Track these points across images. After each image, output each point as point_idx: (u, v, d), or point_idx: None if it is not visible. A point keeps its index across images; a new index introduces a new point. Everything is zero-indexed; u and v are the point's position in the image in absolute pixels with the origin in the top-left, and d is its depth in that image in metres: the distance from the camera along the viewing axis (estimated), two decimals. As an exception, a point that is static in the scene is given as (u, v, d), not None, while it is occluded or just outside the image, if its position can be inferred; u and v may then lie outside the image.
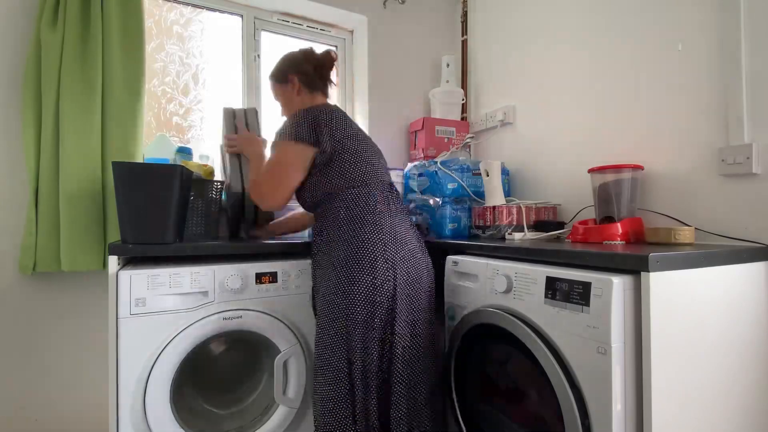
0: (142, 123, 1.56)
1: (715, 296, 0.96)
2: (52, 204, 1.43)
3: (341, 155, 1.24)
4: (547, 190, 1.80)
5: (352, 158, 1.25)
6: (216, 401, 1.37)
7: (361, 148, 1.28)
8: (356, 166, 1.25)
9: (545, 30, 1.82)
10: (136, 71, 1.54)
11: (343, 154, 1.24)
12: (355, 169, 1.24)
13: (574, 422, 0.90)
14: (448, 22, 2.36)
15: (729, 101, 1.21)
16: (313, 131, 1.23)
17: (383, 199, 1.25)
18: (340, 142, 1.24)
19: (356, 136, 1.29)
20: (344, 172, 1.24)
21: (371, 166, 1.28)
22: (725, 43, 1.22)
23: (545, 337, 0.99)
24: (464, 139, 2.10)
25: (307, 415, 1.35)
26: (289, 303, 1.31)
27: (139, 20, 1.55)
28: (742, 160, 1.17)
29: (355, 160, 1.25)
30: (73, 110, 1.43)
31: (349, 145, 1.25)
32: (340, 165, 1.24)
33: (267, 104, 2.03)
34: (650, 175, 1.40)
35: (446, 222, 1.72)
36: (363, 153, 1.27)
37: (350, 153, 1.25)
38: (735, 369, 1.00)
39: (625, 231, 1.28)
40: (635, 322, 0.88)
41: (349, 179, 1.23)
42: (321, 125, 1.23)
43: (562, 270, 0.99)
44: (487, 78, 2.16)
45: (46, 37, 1.42)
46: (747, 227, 1.17)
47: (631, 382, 0.88)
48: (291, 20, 2.06)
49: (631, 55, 1.47)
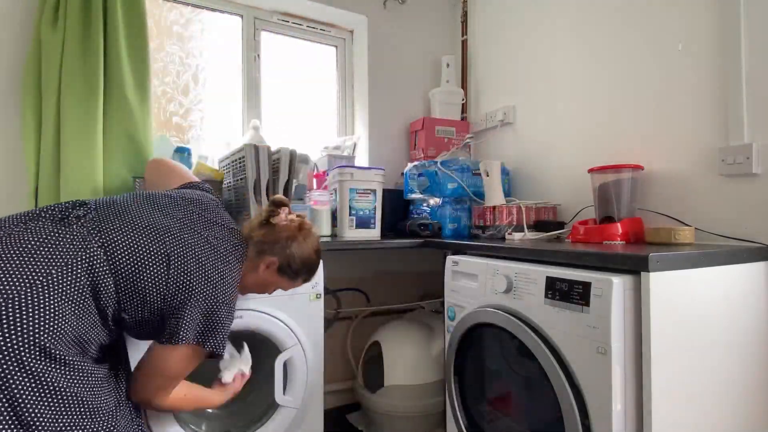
0: (151, 122, 1.55)
1: (714, 296, 0.96)
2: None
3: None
4: (547, 190, 1.80)
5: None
6: (216, 401, 1.37)
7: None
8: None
9: (545, 30, 1.82)
10: (142, 71, 1.54)
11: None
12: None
13: (574, 422, 0.90)
14: (448, 22, 2.36)
15: (729, 101, 1.21)
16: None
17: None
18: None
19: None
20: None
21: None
22: (725, 43, 1.22)
23: (545, 337, 0.99)
24: (464, 139, 2.10)
25: (308, 415, 1.35)
26: (289, 303, 1.31)
27: (141, 20, 1.54)
28: (742, 160, 1.17)
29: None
30: (73, 110, 1.42)
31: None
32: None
33: (267, 104, 2.03)
34: (650, 175, 1.40)
35: (446, 222, 1.72)
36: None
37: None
38: (735, 368, 1.00)
39: (625, 231, 1.28)
40: (635, 322, 0.88)
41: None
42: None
43: (562, 270, 0.99)
44: (487, 78, 2.16)
45: (46, 36, 1.41)
46: (747, 227, 1.17)
47: (631, 382, 0.88)
48: (291, 20, 2.06)
49: (631, 54, 1.47)
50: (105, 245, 0.85)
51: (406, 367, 1.64)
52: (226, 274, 0.96)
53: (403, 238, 1.63)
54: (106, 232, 0.87)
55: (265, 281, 1.09)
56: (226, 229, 1.04)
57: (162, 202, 0.99)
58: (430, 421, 1.65)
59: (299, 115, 2.14)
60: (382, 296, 2.11)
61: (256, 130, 1.79)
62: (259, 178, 1.38)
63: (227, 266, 0.97)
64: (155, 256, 0.89)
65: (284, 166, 1.42)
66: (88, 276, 0.83)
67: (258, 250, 1.06)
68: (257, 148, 1.38)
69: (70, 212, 0.88)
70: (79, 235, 0.84)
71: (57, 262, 0.80)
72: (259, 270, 1.06)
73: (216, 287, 0.93)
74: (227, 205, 1.51)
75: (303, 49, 2.16)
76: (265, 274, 1.07)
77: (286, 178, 1.42)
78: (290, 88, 2.11)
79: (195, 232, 0.96)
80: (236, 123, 1.97)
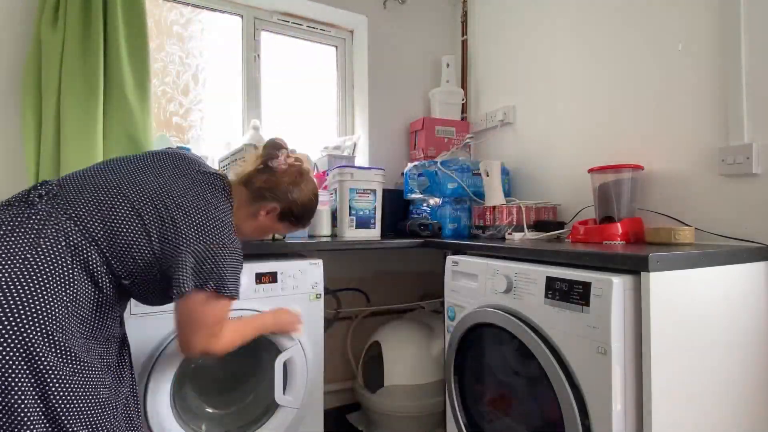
0: (151, 122, 1.55)
1: (714, 296, 0.96)
2: (52, 204, 1.43)
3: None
4: (547, 190, 1.80)
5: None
6: (216, 401, 1.37)
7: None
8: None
9: (545, 30, 1.82)
10: (142, 71, 1.54)
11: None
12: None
13: (574, 422, 0.90)
14: (448, 22, 2.36)
15: (729, 101, 1.21)
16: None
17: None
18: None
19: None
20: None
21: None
22: (725, 43, 1.22)
23: (545, 337, 0.99)
24: (464, 139, 2.10)
25: (308, 415, 1.34)
26: (288, 303, 1.31)
27: (141, 20, 1.54)
28: (742, 160, 1.17)
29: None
30: (73, 110, 1.42)
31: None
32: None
33: (267, 104, 2.03)
34: (650, 175, 1.40)
35: (446, 222, 1.72)
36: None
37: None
38: (735, 368, 1.00)
39: (625, 231, 1.28)
40: (635, 322, 0.88)
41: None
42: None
43: (562, 270, 0.99)
44: (487, 78, 2.16)
45: (46, 36, 1.41)
46: (747, 227, 1.17)
47: (631, 382, 0.88)
48: (291, 20, 2.06)
49: (631, 55, 1.47)
50: (73, 216, 0.83)
51: (406, 367, 1.64)
52: (211, 216, 0.92)
53: (403, 238, 1.63)
54: (71, 203, 0.85)
55: (265, 227, 1.07)
56: (205, 174, 0.99)
57: (129, 161, 0.97)
58: (430, 421, 1.65)
59: (299, 115, 2.14)
60: (382, 296, 2.11)
61: (256, 130, 1.79)
62: None
63: (211, 208, 0.93)
64: (125, 213, 0.86)
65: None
66: (70, 253, 0.81)
67: (257, 195, 1.02)
68: (257, 148, 1.38)
69: (31, 193, 0.85)
70: (44, 212, 0.82)
71: (32, 243, 0.78)
72: (259, 216, 1.04)
73: (201, 229, 0.90)
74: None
75: (303, 49, 2.16)
76: (266, 220, 1.05)
77: (286, 178, 1.42)
78: (290, 88, 2.11)
79: (169, 181, 0.93)
80: (236, 123, 1.97)
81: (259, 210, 1.03)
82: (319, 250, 1.54)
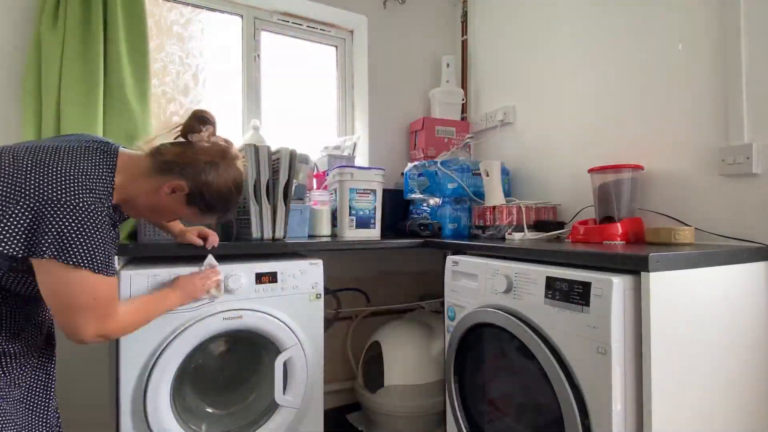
0: (151, 122, 1.55)
1: (714, 296, 0.96)
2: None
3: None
4: (547, 190, 1.80)
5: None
6: (216, 401, 1.37)
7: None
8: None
9: (545, 30, 1.82)
10: (142, 71, 1.54)
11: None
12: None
13: (574, 422, 0.90)
14: (448, 22, 2.36)
15: (729, 101, 1.21)
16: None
17: None
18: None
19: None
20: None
21: None
22: (725, 43, 1.22)
23: (545, 337, 0.99)
24: (464, 139, 2.10)
25: (308, 415, 1.34)
26: (288, 303, 1.31)
27: (141, 20, 1.54)
28: (742, 160, 1.17)
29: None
30: (73, 110, 1.42)
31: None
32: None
33: (267, 104, 2.03)
34: (650, 175, 1.40)
35: (446, 222, 1.72)
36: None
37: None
38: (735, 369, 1.00)
39: (625, 231, 1.28)
40: (635, 322, 0.88)
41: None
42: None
43: (562, 270, 0.99)
44: (487, 78, 2.16)
45: (46, 36, 1.42)
46: (747, 227, 1.17)
47: (631, 381, 0.88)
48: (291, 20, 2.06)
49: (631, 54, 1.47)
50: None
51: (406, 367, 1.64)
52: (59, 169, 0.80)
53: (403, 238, 1.63)
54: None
55: (167, 207, 0.94)
56: (88, 141, 0.89)
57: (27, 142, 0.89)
58: (430, 421, 1.66)
59: (299, 115, 2.14)
60: (382, 296, 2.11)
61: (256, 130, 1.79)
62: (259, 178, 1.38)
63: (61, 163, 0.81)
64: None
65: (284, 166, 1.41)
66: None
67: (162, 168, 0.90)
68: (257, 148, 1.38)
69: None
70: None
71: None
72: (160, 192, 0.91)
73: (40, 183, 0.77)
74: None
75: (303, 49, 2.16)
76: (168, 200, 0.92)
77: (286, 178, 1.42)
78: (290, 88, 2.11)
79: (33, 145, 0.84)
80: (236, 123, 1.97)
81: (161, 185, 0.90)
82: (319, 250, 1.54)
